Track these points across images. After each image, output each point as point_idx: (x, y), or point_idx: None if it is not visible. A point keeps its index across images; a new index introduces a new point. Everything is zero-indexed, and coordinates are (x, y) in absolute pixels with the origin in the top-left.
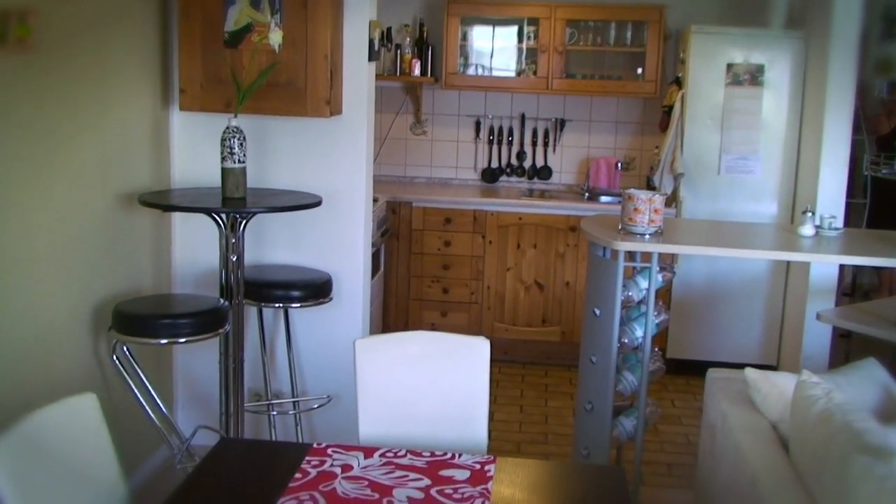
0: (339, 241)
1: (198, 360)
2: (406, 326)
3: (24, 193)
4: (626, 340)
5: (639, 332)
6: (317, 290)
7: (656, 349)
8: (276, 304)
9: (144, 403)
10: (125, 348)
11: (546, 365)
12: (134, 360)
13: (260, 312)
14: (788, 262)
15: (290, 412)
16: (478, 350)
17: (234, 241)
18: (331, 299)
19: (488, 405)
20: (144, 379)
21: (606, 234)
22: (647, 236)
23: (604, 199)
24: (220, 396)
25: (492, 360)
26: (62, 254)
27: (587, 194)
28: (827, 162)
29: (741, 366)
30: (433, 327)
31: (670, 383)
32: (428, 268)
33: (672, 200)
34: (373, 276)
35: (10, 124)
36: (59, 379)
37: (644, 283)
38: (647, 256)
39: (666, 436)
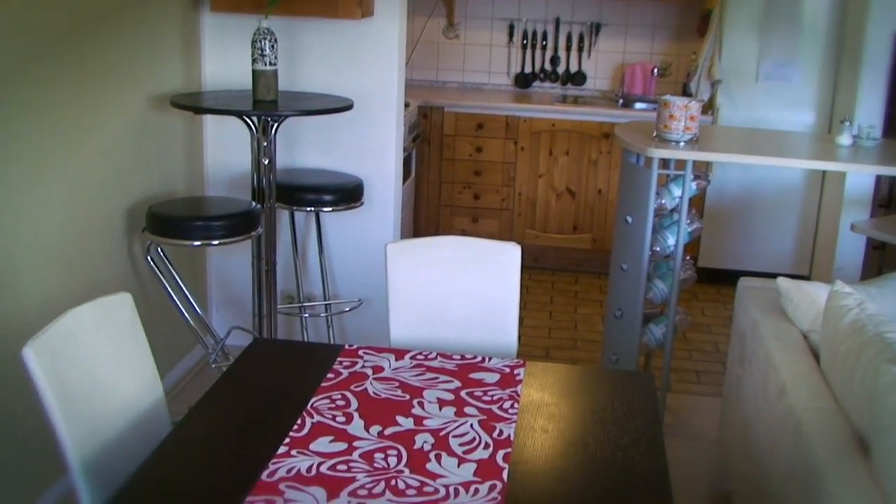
0: (371, 146)
1: (231, 262)
2: (437, 232)
3: (56, 95)
4: (657, 248)
5: (671, 241)
6: (348, 194)
7: (688, 257)
8: (308, 208)
9: (179, 304)
10: (159, 250)
11: (576, 272)
12: (168, 261)
13: (292, 216)
14: (824, 172)
15: (322, 315)
16: (509, 255)
17: (265, 144)
18: (362, 204)
19: (518, 310)
20: (179, 280)
21: (640, 141)
22: (682, 144)
23: (639, 105)
24: (254, 298)
25: (522, 267)
26: (96, 155)
27: (622, 100)
28: (868, 71)
29: (773, 275)
30: (464, 233)
31: (701, 292)
32: (459, 173)
33: (708, 107)
34: (404, 181)
35: (40, 26)
36: (95, 279)
37: (677, 191)
38: (681, 164)
39: (695, 344)
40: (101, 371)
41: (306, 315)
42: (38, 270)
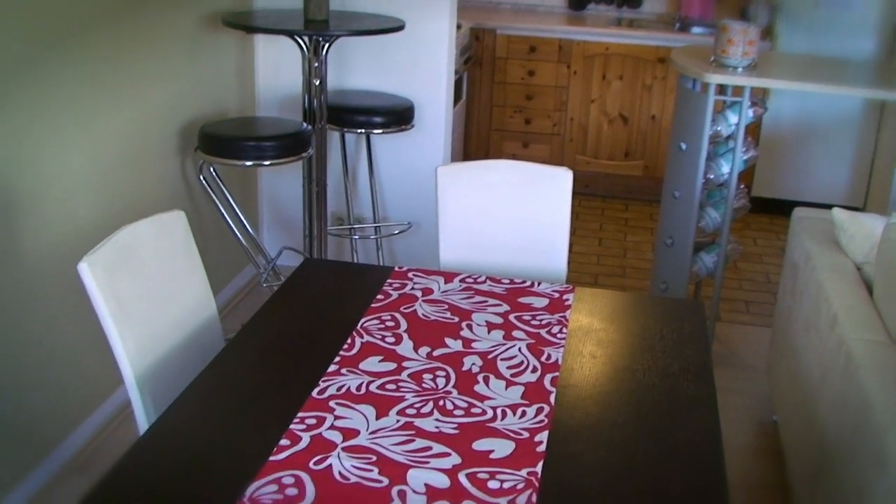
0: (422, 68)
1: (282, 183)
2: (487, 156)
3: (109, 15)
4: (711, 176)
5: (725, 168)
6: (399, 116)
7: (742, 186)
8: (359, 130)
9: (231, 223)
10: (212, 169)
11: (627, 199)
12: (220, 181)
13: (342, 138)
14: (884, 102)
15: (372, 237)
16: (560, 180)
17: (316, 64)
18: (412, 126)
19: (568, 236)
20: (231, 199)
21: (697, 66)
22: (740, 69)
23: (696, 29)
24: (304, 219)
25: (572, 193)
26: (148, 74)
27: (678, 24)
28: None
29: (827, 206)
30: (514, 158)
31: (753, 221)
32: (510, 97)
33: (767, 33)
34: (454, 104)
35: None
36: (149, 198)
37: (734, 118)
38: (738, 90)
39: (745, 274)
40: (156, 286)
41: (356, 237)
42: (93, 189)
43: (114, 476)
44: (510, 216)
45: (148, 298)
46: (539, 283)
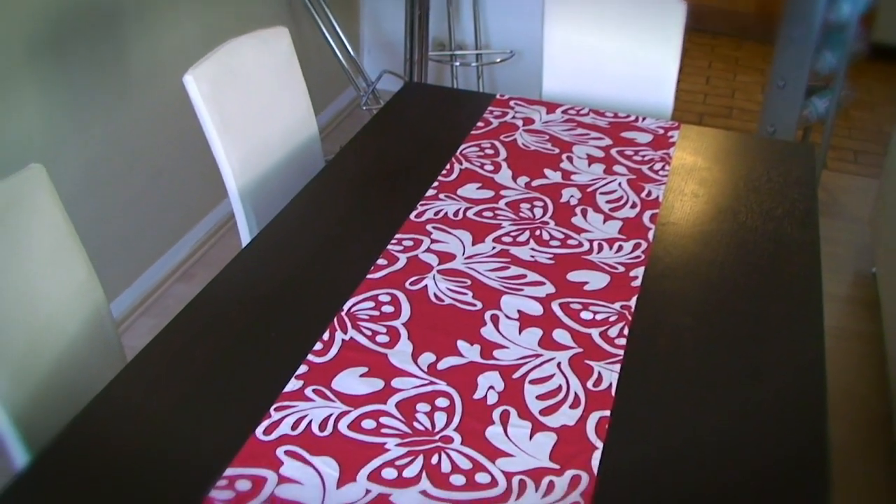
0: None
1: (384, 6)
2: None
3: None
4: (831, 17)
5: (846, 9)
6: None
7: (861, 29)
8: None
9: (333, 44)
10: None
11: (739, 38)
12: (323, 1)
13: None
14: None
15: (473, 64)
16: (672, 12)
17: None
18: None
19: (677, 72)
20: (333, 20)
21: None
22: None
23: None
24: (405, 43)
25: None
26: None
27: None
28: None
29: None
30: None
31: (869, 69)
32: None
33: None
34: None
35: None
36: (252, 14)
37: None
38: None
39: (857, 122)
40: (259, 102)
41: (457, 63)
42: (195, 1)
43: (219, 282)
44: (617, 48)
45: (251, 113)
46: (643, 119)
